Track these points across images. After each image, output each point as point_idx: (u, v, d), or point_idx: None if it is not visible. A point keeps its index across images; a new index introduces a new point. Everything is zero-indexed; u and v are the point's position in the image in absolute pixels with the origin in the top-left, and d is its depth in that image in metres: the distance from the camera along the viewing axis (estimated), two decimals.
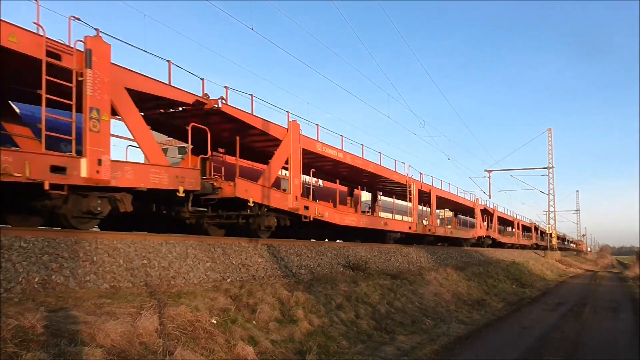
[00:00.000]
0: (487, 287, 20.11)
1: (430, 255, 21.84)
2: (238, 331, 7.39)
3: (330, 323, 9.45)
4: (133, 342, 5.80)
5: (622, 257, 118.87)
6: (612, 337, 11.26)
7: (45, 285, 6.90)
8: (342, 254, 15.07)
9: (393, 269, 16.61)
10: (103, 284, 7.64)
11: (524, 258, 37.22)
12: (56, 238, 7.76)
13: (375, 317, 10.92)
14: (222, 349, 6.76)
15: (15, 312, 5.45)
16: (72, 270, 7.41)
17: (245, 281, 10.14)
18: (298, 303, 9.45)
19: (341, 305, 10.60)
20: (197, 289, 8.60)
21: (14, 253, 6.98)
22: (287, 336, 8.18)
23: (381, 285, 13.10)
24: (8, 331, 4.94)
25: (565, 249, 77.92)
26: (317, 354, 7.80)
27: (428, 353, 8.65)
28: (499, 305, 16.38)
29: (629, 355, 9.42)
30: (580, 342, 10.41)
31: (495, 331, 11.56)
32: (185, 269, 9.32)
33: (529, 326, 12.27)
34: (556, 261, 45.41)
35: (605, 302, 18.21)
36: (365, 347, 8.91)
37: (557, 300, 18.94)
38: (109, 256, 8.20)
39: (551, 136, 49.37)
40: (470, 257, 26.89)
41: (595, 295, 21.63)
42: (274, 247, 12.55)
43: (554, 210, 50.67)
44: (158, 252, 9.19)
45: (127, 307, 6.56)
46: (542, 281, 29.13)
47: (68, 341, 5.22)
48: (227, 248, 11.01)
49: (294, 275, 11.93)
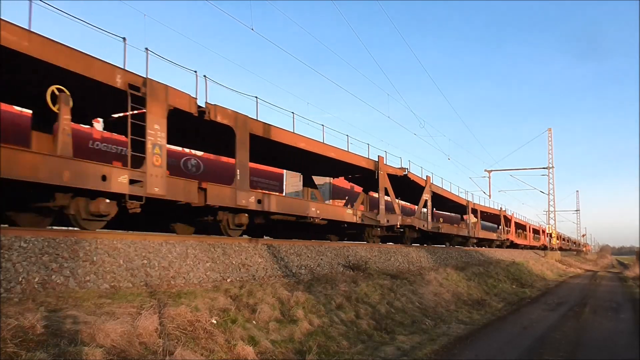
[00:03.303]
0: (487, 287, 20.11)
1: (430, 255, 21.84)
2: (238, 331, 7.39)
3: (330, 323, 9.45)
4: (133, 342, 5.80)
5: (622, 257, 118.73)
6: (612, 337, 11.25)
7: (45, 285, 6.89)
8: (342, 254, 15.07)
9: (393, 269, 16.61)
10: (103, 284, 7.64)
11: (524, 258, 37.22)
12: (56, 238, 7.76)
13: (375, 317, 10.93)
14: (222, 349, 6.76)
15: (15, 312, 5.45)
16: (72, 270, 7.41)
17: (245, 281, 10.14)
18: (298, 303, 9.45)
19: (341, 305, 10.60)
20: (197, 289, 8.60)
21: (14, 253, 6.97)
22: (287, 336, 8.18)
23: (381, 285, 13.10)
24: (8, 331, 4.94)
25: (569, 249, 78.84)
26: (317, 354, 7.80)
27: (428, 353, 8.65)
28: (499, 305, 16.38)
29: (629, 355, 9.41)
30: (580, 342, 10.40)
31: (495, 331, 11.55)
32: (185, 269, 9.32)
33: (529, 326, 12.26)
34: (556, 261, 45.45)
35: (605, 302, 18.20)
36: (365, 347, 8.91)
37: (557, 300, 18.94)
38: (109, 256, 8.20)
39: (551, 136, 49.50)
40: (470, 257, 26.88)
41: (595, 295, 21.61)
42: (274, 247, 12.55)
43: (554, 210, 50.77)
44: (158, 252, 9.19)
45: (127, 307, 6.56)
46: (542, 281, 29.13)
47: (68, 341, 5.22)
48: (227, 248, 11.01)
49: (294, 275, 11.93)
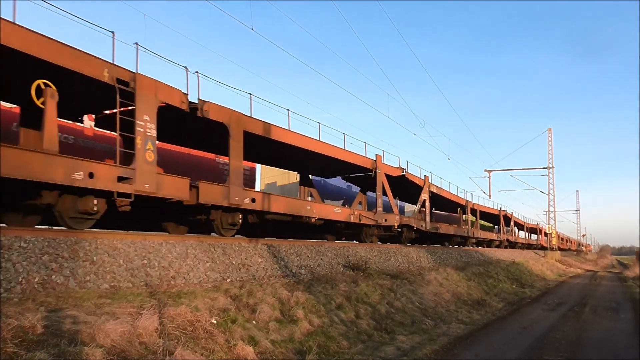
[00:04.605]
0: (487, 287, 20.11)
1: (430, 255, 21.83)
2: (238, 331, 7.39)
3: (330, 323, 9.45)
4: (133, 342, 5.80)
5: (622, 257, 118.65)
6: (612, 337, 11.25)
7: (45, 285, 6.89)
8: (342, 254, 15.07)
9: (393, 269, 16.61)
10: (103, 284, 7.64)
11: (524, 258, 37.21)
12: (56, 238, 7.76)
13: (375, 317, 10.93)
14: (222, 349, 6.76)
15: (15, 312, 5.45)
16: (72, 270, 7.41)
17: (245, 281, 10.14)
18: (298, 303, 9.45)
19: (341, 305, 10.60)
20: (197, 289, 8.60)
21: (14, 253, 6.97)
22: (287, 336, 8.18)
23: (381, 285, 13.10)
24: (8, 331, 4.94)
25: (568, 249, 78.69)
26: (317, 354, 7.80)
27: (428, 353, 8.65)
28: (499, 305, 16.38)
29: (629, 355, 9.41)
30: (580, 342, 10.40)
31: (495, 331, 11.55)
32: (185, 269, 9.32)
33: (529, 326, 12.27)
34: (556, 261, 45.44)
35: (605, 302, 18.20)
36: (365, 347, 8.91)
37: (557, 300, 18.94)
38: (109, 256, 8.20)
39: (551, 136, 49.47)
40: (470, 257, 26.87)
41: (595, 295, 21.61)
42: (274, 247, 12.55)
43: (554, 210, 50.74)
44: (158, 252, 9.19)
45: (127, 307, 6.56)
46: (542, 281, 29.13)
47: (68, 341, 5.22)
48: (227, 248, 11.01)
49: (294, 275, 11.93)
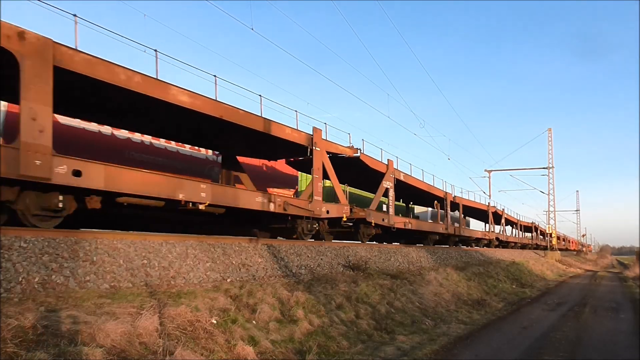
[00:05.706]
0: (487, 287, 20.11)
1: (430, 255, 21.83)
2: (238, 331, 7.39)
3: (330, 323, 9.45)
4: (133, 342, 5.80)
5: (622, 257, 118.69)
6: (612, 337, 11.25)
7: (45, 285, 6.90)
8: (342, 254, 15.07)
9: (393, 269, 16.61)
10: (103, 284, 7.64)
11: (524, 258, 37.22)
12: (56, 238, 7.76)
13: (375, 317, 10.93)
14: (222, 349, 6.77)
15: (15, 312, 5.45)
16: (72, 270, 7.42)
17: (245, 281, 10.14)
18: (298, 303, 9.45)
19: (341, 305, 10.60)
20: (197, 289, 8.60)
21: (14, 253, 6.98)
22: (287, 336, 8.18)
23: (381, 285, 13.10)
24: (8, 331, 4.94)
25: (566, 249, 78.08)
26: (317, 354, 7.80)
27: (428, 353, 8.65)
28: (499, 305, 16.38)
29: (629, 355, 9.41)
30: (580, 342, 10.40)
31: (495, 331, 11.56)
32: (185, 269, 9.32)
33: (529, 326, 12.27)
34: (556, 261, 45.43)
35: (605, 302, 18.21)
36: (365, 347, 8.92)
37: (557, 300, 18.94)
38: (109, 256, 8.20)
39: (551, 136, 49.44)
40: (470, 257, 26.87)
41: (595, 295, 21.61)
42: (274, 247, 12.55)
43: (554, 210, 50.73)
44: (158, 252, 9.19)
45: (127, 307, 6.56)
46: (542, 281, 29.13)
47: (68, 341, 5.22)
48: (227, 248, 11.01)
49: (294, 275, 11.93)
